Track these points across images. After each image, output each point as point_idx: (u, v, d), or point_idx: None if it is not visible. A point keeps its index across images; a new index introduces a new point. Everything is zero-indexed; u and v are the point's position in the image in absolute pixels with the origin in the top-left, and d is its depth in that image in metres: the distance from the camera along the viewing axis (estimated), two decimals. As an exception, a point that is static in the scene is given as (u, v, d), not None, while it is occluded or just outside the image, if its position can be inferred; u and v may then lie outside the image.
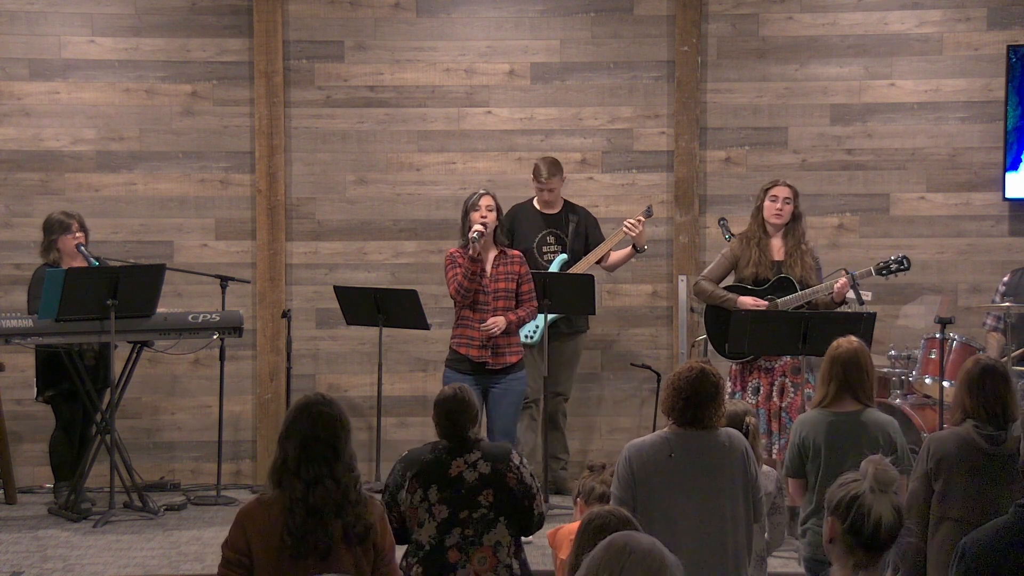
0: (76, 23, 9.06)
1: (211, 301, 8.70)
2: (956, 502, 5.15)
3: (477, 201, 7.44)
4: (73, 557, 7.00)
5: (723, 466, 4.94)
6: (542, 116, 9.17)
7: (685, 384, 4.95)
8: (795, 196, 7.65)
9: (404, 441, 8.90)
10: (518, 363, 7.51)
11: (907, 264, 7.65)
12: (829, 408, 5.74)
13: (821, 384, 5.81)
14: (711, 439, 4.97)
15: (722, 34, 9.13)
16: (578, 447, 8.91)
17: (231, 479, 8.95)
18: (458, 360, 7.45)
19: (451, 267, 7.43)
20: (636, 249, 8.48)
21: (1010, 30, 9.03)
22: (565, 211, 8.60)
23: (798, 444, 5.75)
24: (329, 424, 4.32)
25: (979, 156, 9.07)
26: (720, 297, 7.66)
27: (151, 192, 9.11)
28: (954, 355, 8.13)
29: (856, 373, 5.72)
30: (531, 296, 7.55)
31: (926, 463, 5.24)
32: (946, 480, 5.18)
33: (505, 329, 7.40)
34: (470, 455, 5.07)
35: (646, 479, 4.91)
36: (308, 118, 9.15)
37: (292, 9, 9.12)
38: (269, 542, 4.25)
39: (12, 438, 8.61)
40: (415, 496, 5.00)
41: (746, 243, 7.67)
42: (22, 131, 9.05)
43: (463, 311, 7.45)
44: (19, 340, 7.69)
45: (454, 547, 4.99)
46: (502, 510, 5.04)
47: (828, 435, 5.67)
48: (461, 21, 9.20)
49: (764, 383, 7.42)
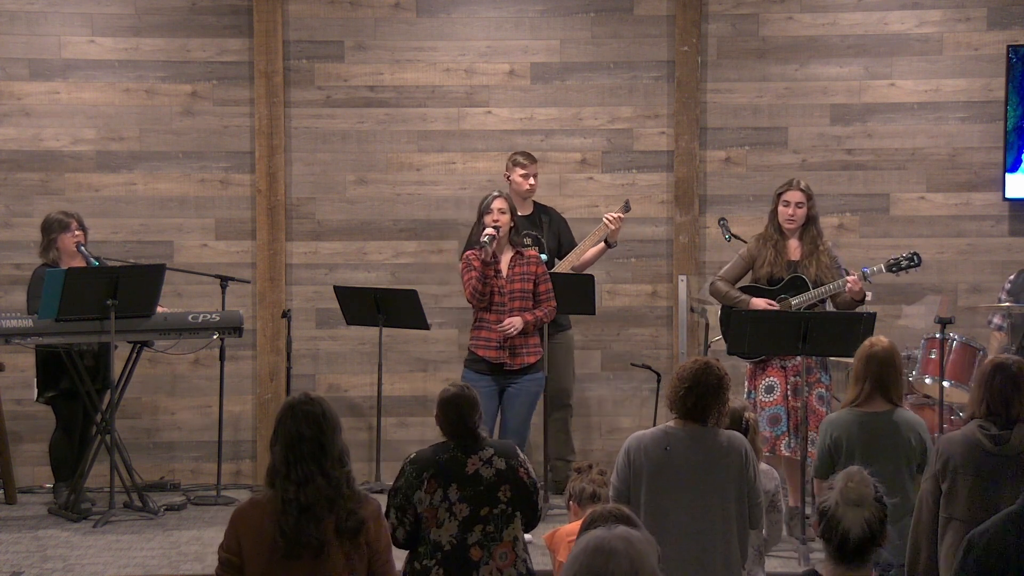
0: (76, 23, 9.06)
1: (211, 301, 8.70)
2: (961, 502, 5.14)
3: (490, 204, 7.43)
4: (73, 557, 7.01)
5: (718, 465, 4.97)
6: (542, 116, 9.17)
7: (688, 374, 5.02)
8: (809, 198, 7.64)
9: (404, 441, 8.91)
10: (536, 363, 7.51)
11: (918, 260, 7.62)
12: (860, 408, 5.73)
13: (854, 383, 5.79)
14: (710, 437, 4.99)
15: (722, 34, 9.13)
16: (578, 447, 8.90)
17: (231, 479, 8.95)
18: (476, 361, 7.46)
19: (466, 271, 7.42)
20: (608, 245, 8.46)
21: (1010, 30, 9.03)
22: (537, 211, 8.57)
23: (829, 445, 5.72)
24: (313, 421, 4.31)
25: (979, 156, 9.07)
26: (734, 298, 7.66)
27: (151, 192, 9.11)
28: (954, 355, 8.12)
29: (891, 373, 5.72)
30: (549, 296, 7.53)
31: (935, 464, 5.24)
32: (952, 480, 5.17)
33: (523, 329, 7.40)
34: (483, 452, 5.09)
35: (641, 470, 4.97)
36: (308, 118, 9.15)
37: (292, 9, 9.12)
38: (260, 542, 4.25)
39: (12, 438, 8.62)
40: (434, 496, 5.00)
41: (763, 244, 7.67)
42: (22, 131, 9.05)
43: (480, 312, 7.45)
44: (19, 340, 7.70)
45: (476, 544, 5.01)
46: (518, 505, 5.08)
47: (860, 435, 5.65)
48: (461, 21, 9.20)
49: (780, 381, 7.40)
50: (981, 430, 5.18)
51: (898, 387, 5.76)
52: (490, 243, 7.28)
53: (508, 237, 7.46)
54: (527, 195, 8.47)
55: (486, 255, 7.31)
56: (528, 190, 8.45)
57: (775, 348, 7.25)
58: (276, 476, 4.29)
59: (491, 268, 7.36)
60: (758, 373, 7.46)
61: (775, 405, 7.35)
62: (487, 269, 7.35)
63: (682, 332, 8.71)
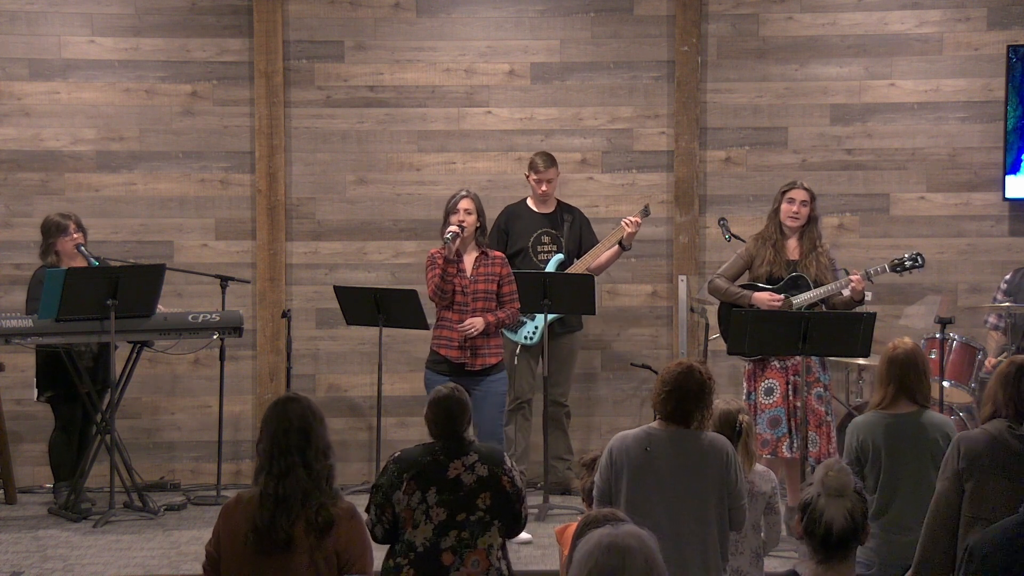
0: (76, 23, 9.06)
1: (211, 301, 8.70)
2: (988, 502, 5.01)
3: (456, 204, 7.43)
4: (73, 557, 7.01)
5: (698, 468, 4.99)
6: (542, 116, 9.17)
7: (670, 377, 5.05)
8: (812, 199, 7.65)
9: (404, 441, 8.88)
10: (497, 364, 7.47)
11: (922, 261, 7.60)
12: (887, 410, 5.71)
13: (879, 386, 5.78)
14: (692, 440, 5.01)
15: (722, 34, 9.13)
16: (578, 447, 8.89)
17: (231, 479, 8.95)
18: (437, 361, 7.42)
19: (430, 268, 7.43)
20: (623, 248, 8.47)
21: (1010, 30, 9.03)
22: (560, 211, 8.60)
23: (856, 447, 5.70)
24: (300, 414, 4.36)
25: (979, 156, 9.07)
26: (735, 294, 7.65)
27: (151, 192, 9.11)
28: (954, 355, 8.13)
29: (914, 375, 5.70)
30: (513, 298, 7.50)
31: (956, 462, 5.10)
32: (978, 480, 5.04)
33: (484, 330, 7.38)
34: (467, 457, 5.05)
35: (622, 470, 4.99)
36: (308, 118, 9.15)
37: (292, 9, 9.12)
38: (236, 537, 4.30)
39: (12, 438, 8.62)
40: (413, 498, 4.98)
41: (762, 243, 7.67)
42: (22, 131, 9.05)
43: (442, 311, 7.44)
44: (19, 340, 7.70)
45: (448, 550, 4.97)
46: (497, 513, 5.03)
47: (887, 438, 5.63)
48: (461, 21, 9.20)
49: (779, 382, 7.39)
50: (1010, 430, 5.08)
51: (923, 388, 5.73)
52: (452, 240, 7.29)
53: (474, 237, 7.46)
54: (544, 198, 8.51)
55: (449, 252, 7.32)
56: (542, 194, 8.49)
57: (775, 348, 7.25)
58: (260, 471, 4.34)
59: (453, 266, 7.36)
60: (757, 374, 7.45)
61: (775, 407, 7.34)
62: (448, 267, 7.34)
63: (682, 332, 8.71)
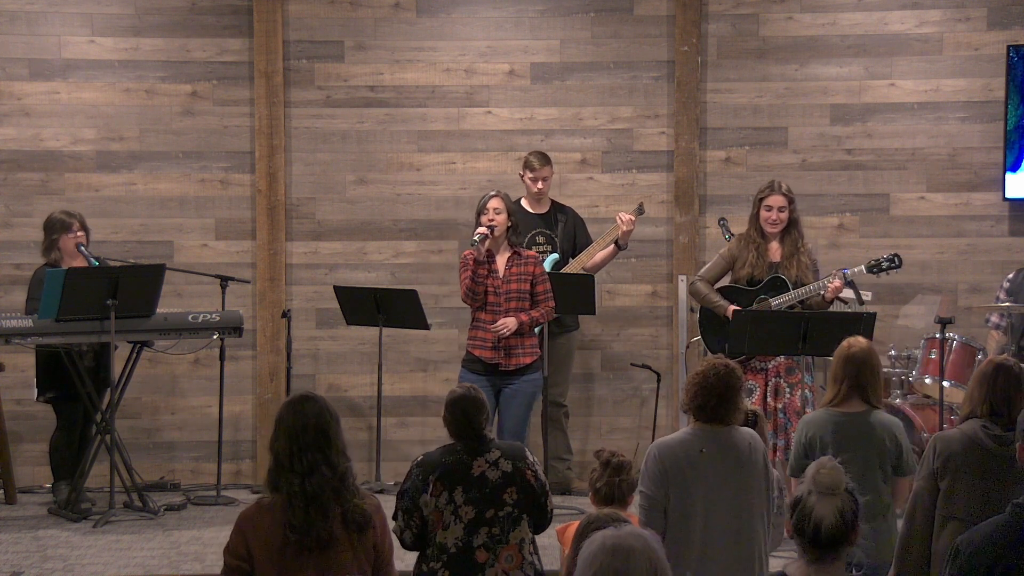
0: (76, 23, 9.06)
1: (211, 301, 8.70)
2: (961, 502, 5.12)
3: (486, 204, 7.45)
4: (73, 557, 7.01)
5: (749, 462, 5.04)
6: (542, 116, 9.17)
7: (715, 380, 5.03)
8: (791, 202, 7.65)
9: (404, 441, 8.92)
10: (532, 364, 7.50)
11: (898, 262, 7.64)
12: (837, 408, 5.73)
13: (832, 383, 5.79)
14: (735, 436, 5.07)
15: (722, 34, 9.13)
16: (578, 447, 8.90)
17: (231, 479, 8.95)
18: (472, 361, 7.47)
19: (463, 270, 7.44)
20: (619, 247, 8.47)
21: (1010, 30, 9.03)
22: (554, 210, 8.60)
23: (804, 444, 5.73)
24: (316, 412, 4.33)
25: (979, 156, 9.07)
26: (712, 302, 7.71)
27: (151, 192, 9.11)
28: (954, 355, 8.13)
29: (868, 374, 5.71)
30: (547, 296, 7.52)
31: (932, 462, 5.21)
32: (952, 479, 5.16)
33: (518, 330, 7.39)
34: (489, 454, 5.08)
35: (679, 475, 4.98)
36: (308, 118, 9.15)
37: (292, 9, 9.12)
38: (271, 543, 4.24)
39: (12, 438, 8.61)
40: (440, 499, 5.00)
41: (744, 245, 7.69)
42: (22, 131, 9.05)
43: (476, 312, 7.46)
44: (19, 340, 7.70)
45: (481, 547, 4.99)
46: (525, 507, 5.06)
47: (835, 435, 5.65)
48: (461, 21, 9.20)
49: (759, 384, 7.42)
50: (984, 430, 5.18)
51: (875, 388, 5.75)
52: (481, 241, 7.30)
53: (506, 237, 7.46)
54: (538, 196, 8.51)
55: (478, 254, 7.32)
56: (537, 192, 8.49)
57: (775, 348, 7.26)
58: (280, 472, 4.28)
59: (484, 267, 7.36)
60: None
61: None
62: (479, 268, 7.35)
63: (682, 332, 8.71)
